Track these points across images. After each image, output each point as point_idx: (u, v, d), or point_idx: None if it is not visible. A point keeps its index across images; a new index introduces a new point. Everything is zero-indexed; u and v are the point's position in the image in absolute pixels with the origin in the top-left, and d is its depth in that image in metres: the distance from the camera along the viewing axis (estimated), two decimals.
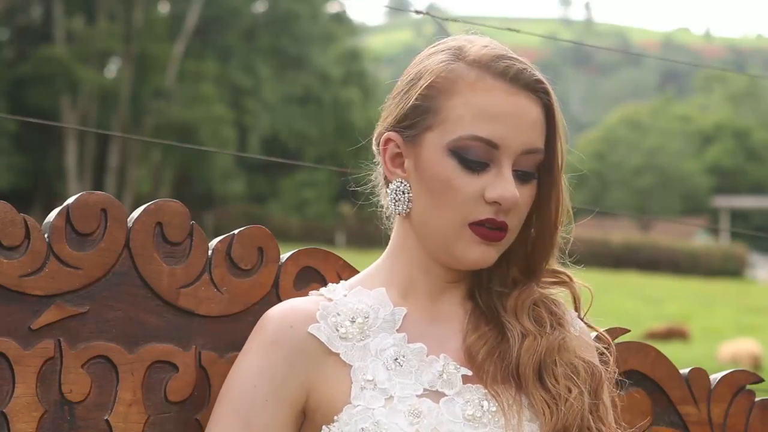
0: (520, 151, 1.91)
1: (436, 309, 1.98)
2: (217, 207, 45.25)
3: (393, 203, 1.97)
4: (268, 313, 1.95)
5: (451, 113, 1.91)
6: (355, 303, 1.95)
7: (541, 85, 1.93)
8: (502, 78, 1.91)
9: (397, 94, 1.98)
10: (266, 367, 1.90)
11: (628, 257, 42.22)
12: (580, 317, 2.04)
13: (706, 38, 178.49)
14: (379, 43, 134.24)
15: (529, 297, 1.98)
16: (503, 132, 1.89)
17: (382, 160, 1.99)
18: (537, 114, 1.92)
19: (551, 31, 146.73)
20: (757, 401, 2.27)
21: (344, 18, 52.30)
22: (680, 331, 21.70)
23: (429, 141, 1.92)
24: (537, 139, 1.92)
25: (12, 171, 39.68)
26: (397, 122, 1.96)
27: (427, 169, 1.92)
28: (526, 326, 1.95)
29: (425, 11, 3.01)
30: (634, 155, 64.67)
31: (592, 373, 1.95)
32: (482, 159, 1.90)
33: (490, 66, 1.92)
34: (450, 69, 1.93)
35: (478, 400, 1.90)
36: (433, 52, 1.98)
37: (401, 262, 1.98)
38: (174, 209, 1.98)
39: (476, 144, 1.89)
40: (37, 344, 1.89)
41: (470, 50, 1.94)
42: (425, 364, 1.92)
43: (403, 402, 1.87)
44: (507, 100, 1.90)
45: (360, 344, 1.92)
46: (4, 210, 1.89)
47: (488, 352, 1.93)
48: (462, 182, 1.90)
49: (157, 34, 42.76)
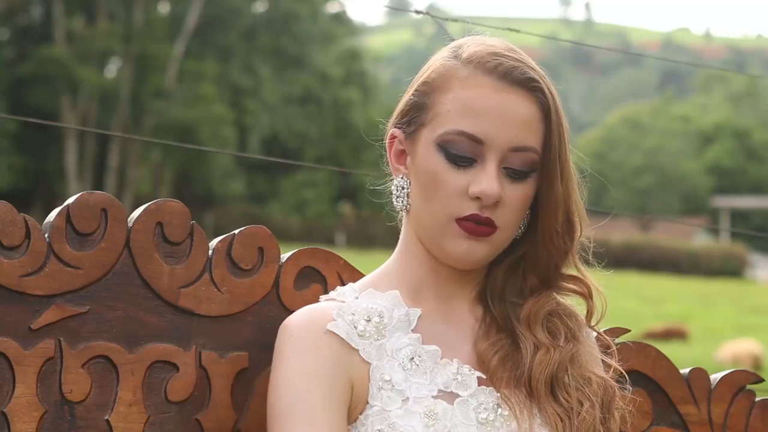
0: (507, 148, 1.90)
1: (447, 312, 1.98)
2: (217, 207, 45.25)
3: (395, 199, 1.99)
4: (288, 322, 1.93)
5: (441, 108, 1.92)
6: (369, 303, 1.95)
7: (535, 84, 1.91)
8: (492, 75, 1.91)
9: (405, 92, 2.00)
10: (313, 369, 1.88)
11: (628, 257, 42.20)
12: (589, 326, 2.02)
13: (706, 38, 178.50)
14: (379, 43, 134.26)
15: (544, 307, 1.97)
16: (488, 127, 1.89)
17: (388, 156, 2.00)
18: (529, 112, 1.91)
19: (551, 31, 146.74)
20: (757, 401, 2.27)
21: (344, 18, 52.28)
22: (679, 331, 21.68)
23: (423, 137, 1.94)
24: (528, 137, 1.91)
25: (12, 171, 39.67)
26: (400, 119, 1.98)
27: (419, 164, 1.94)
28: (540, 338, 1.94)
29: (425, 11, 3.01)
30: (634, 155, 64.66)
31: (604, 387, 1.95)
32: (467, 154, 1.90)
33: (482, 63, 1.92)
34: (446, 66, 1.94)
35: (492, 404, 1.90)
36: (440, 51, 1.99)
37: (409, 262, 1.98)
38: (174, 209, 1.98)
39: (461, 139, 1.90)
40: (37, 344, 1.89)
41: (467, 48, 1.95)
42: (440, 366, 1.92)
43: (418, 403, 1.87)
44: (494, 97, 1.90)
45: (377, 343, 1.92)
46: (4, 210, 1.88)
47: (500, 359, 1.93)
48: (448, 177, 1.90)
49: (157, 34, 42.75)
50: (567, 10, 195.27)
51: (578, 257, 2.00)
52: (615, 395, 1.96)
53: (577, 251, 1.99)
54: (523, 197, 1.93)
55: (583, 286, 2.00)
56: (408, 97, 1.98)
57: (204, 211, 42.18)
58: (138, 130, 40.87)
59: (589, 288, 2.00)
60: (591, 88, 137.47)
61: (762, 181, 62.10)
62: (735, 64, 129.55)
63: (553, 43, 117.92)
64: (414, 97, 1.96)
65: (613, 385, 1.96)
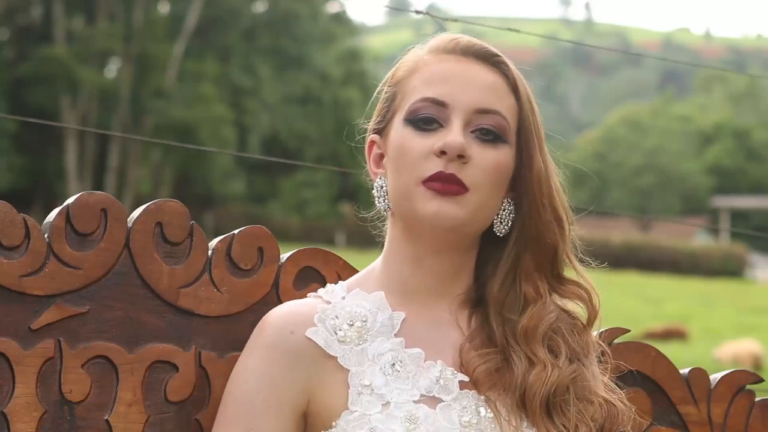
0: (471, 110, 1.92)
1: (432, 315, 1.97)
2: (217, 207, 45.26)
3: (377, 201, 1.99)
4: (267, 316, 1.95)
5: (408, 88, 1.96)
6: (354, 306, 1.95)
7: (496, 58, 1.97)
8: (454, 51, 1.97)
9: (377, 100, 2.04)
10: (267, 371, 1.90)
11: (628, 257, 42.19)
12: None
13: (706, 38, 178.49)
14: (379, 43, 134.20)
15: (543, 321, 1.94)
16: (451, 90, 1.93)
17: (367, 164, 2.02)
18: (493, 79, 1.95)
19: (551, 31, 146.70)
20: (757, 401, 2.27)
21: (344, 18, 52.32)
22: (679, 331, 21.68)
23: (395, 122, 1.97)
24: (494, 101, 1.94)
25: (12, 171, 39.69)
26: (376, 123, 2.02)
27: (391, 148, 1.96)
28: (539, 354, 1.92)
29: (425, 11, 3.01)
30: (634, 155, 64.66)
31: (608, 412, 1.93)
32: (432, 115, 1.92)
33: (443, 46, 1.98)
34: (411, 58, 2.00)
35: (475, 407, 1.89)
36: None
37: (394, 264, 1.98)
38: (174, 209, 1.98)
39: (425, 104, 1.93)
40: (37, 344, 1.89)
41: (431, 42, 2.01)
42: (422, 369, 1.91)
43: (400, 408, 1.87)
44: (456, 65, 1.95)
45: (358, 348, 1.92)
46: (4, 210, 1.89)
47: (488, 370, 1.91)
48: (414, 143, 1.93)
49: (157, 34, 42.78)
50: (567, 10, 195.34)
51: (575, 259, 1.99)
52: (619, 420, 1.93)
53: (570, 247, 1.98)
54: (493, 163, 1.92)
55: (582, 290, 1.98)
56: (381, 94, 2.02)
57: (204, 211, 42.18)
58: (138, 130, 40.88)
59: (588, 291, 1.98)
60: (591, 88, 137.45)
61: (762, 181, 62.10)
62: (735, 64, 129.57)
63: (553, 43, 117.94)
64: (386, 92, 2.01)
65: (618, 408, 1.94)
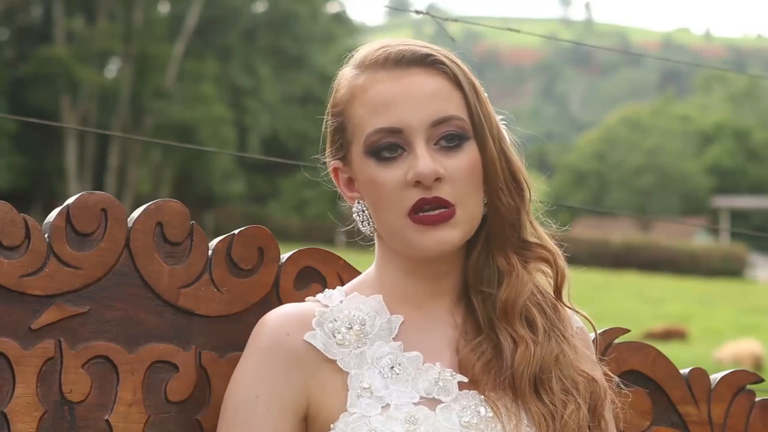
0: (427, 125, 1.90)
1: (429, 317, 1.97)
2: (217, 207, 45.25)
3: (361, 226, 1.99)
4: (264, 318, 1.94)
5: (356, 119, 1.93)
6: (352, 310, 1.95)
7: (431, 58, 1.93)
8: (386, 66, 1.93)
9: (324, 122, 2.01)
10: (265, 375, 1.90)
11: (628, 257, 42.19)
12: (561, 300, 1.99)
13: (706, 38, 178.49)
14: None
15: (519, 295, 1.94)
16: (400, 114, 1.90)
17: (339, 190, 2.00)
18: (436, 84, 1.92)
19: (551, 31, 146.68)
20: (757, 401, 2.27)
21: (344, 18, 52.29)
22: (679, 331, 21.68)
23: (354, 154, 1.94)
24: (444, 107, 1.91)
25: (12, 171, 39.68)
26: (332, 148, 1.99)
27: (361, 181, 1.94)
28: (519, 332, 1.93)
29: (425, 11, 3.01)
30: (634, 155, 64.64)
31: (592, 389, 1.94)
32: (392, 143, 1.90)
33: (372, 60, 1.95)
34: (346, 79, 1.97)
35: (475, 407, 1.89)
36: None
37: (388, 271, 1.98)
38: (174, 209, 1.98)
39: (380, 136, 1.90)
40: (37, 344, 1.89)
41: (357, 54, 1.98)
42: (421, 371, 1.91)
43: (399, 409, 1.87)
44: (395, 85, 1.91)
45: (357, 351, 1.92)
46: (4, 210, 1.89)
47: (484, 365, 1.92)
48: (383, 177, 1.90)
49: (157, 34, 42.77)
50: (567, 10, 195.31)
51: (537, 223, 1.98)
52: (605, 396, 1.95)
53: (534, 214, 1.97)
54: (466, 166, 1.91)
55: (546, 251, 1.97)
56: (328, 124, 1.99)
57: (204, 211, 42.17)
58: (138, 130, 40.88)
59: (552, 252, 1.97)
60: (591, 88, 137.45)
61: (762, 181, 62.09)
62: (735, 64, 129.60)
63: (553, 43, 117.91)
64: (333, 122, 1.97)
65: (603, 386, 1.95)
